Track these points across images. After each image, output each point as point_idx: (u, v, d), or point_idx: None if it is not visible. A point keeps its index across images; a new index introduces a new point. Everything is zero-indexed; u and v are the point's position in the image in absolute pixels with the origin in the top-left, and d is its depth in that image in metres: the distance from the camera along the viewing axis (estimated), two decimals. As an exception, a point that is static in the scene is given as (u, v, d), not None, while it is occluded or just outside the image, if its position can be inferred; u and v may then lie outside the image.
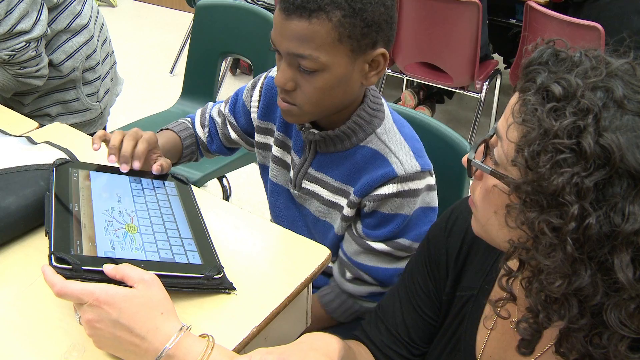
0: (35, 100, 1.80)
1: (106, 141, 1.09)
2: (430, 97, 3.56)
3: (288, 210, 1.28)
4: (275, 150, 1.25)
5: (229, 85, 4.01)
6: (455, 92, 3.41)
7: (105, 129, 2.07)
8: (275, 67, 1.21)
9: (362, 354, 0.97)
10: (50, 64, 1.72)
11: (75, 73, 1.79)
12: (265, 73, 1.27)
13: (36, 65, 1.65)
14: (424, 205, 1.14)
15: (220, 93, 3.59)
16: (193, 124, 1.37)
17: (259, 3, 3.77)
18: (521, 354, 0.73)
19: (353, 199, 1.13)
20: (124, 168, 1.06)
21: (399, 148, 1.11)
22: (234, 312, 0.88)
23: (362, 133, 1.12)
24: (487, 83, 3.13)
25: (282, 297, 0.91)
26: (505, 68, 3.83)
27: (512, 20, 3.52)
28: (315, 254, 1.01)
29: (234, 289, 0.90)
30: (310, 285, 1.02)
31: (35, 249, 0.98)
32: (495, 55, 3.54)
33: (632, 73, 0.63)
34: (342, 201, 1.16)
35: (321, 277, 1.28)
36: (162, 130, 1.34)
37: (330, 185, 1.17)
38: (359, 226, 1.16)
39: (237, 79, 4.19)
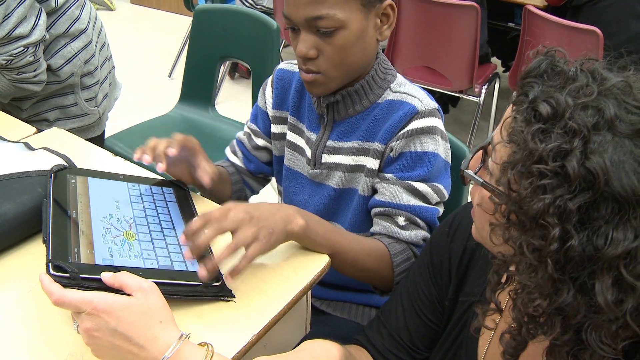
0: (34, 105, 1.79)
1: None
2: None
3: (299, 194, 1.28)
4: (290, 136, 1.28)
5: (228, 89, 4.01)
6: (459, 98, 3.40)
7: (103, 134, 2.06)
8: (283, 62, 1.32)
9: (362, 359, 0.97)
10: (49, 68, 1.72)
11: (73, 78, 1.78)
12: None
13: (34, 71, 1.64)
14: (445, 157, 1.15)
15: (218, 97, 3.59)
16: (226, 159, 1.39)
17: (258, 7, 3.77)
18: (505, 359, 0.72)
19: (377, 147, 1.14)
20: (160, 168, 1.03)
21: (414, 91, 1.16)
22: (233, 319, 0.87)
23: (378, 89, 1.16)
24: (485, 87, 3.13)
25: (282, 305, 0.91)
26: (504, 71, 3.83)
27: (511, 24, 3.52)
28: (315, 261, 1.01)
29: (233, 296, 0.90)
30: (310, 292, 1.01)
31: (32, 255, 0.97)
32: (494, 59, 3.54)
33: (627, 91, 0.61)
34: (365, 159, 1.17)
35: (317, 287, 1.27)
36: None
37: (351, 149, 1.18)
38: (389, 174, 1.14)
39: (235, 82, 4.19)
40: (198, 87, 2.36)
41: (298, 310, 1.02)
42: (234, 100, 3.87)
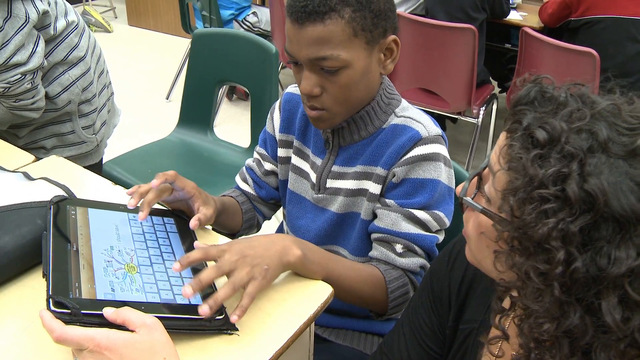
0: (31, 132, 1.78)
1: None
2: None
3: (302, 219, 1.28)
4: (294, 160, 1.28)
5: (225, 112, 4.01)
6: (457, 119, 3.41)
7: (101, 161, 2.05)
8: (291, 86, 1.31)
9: None
10: (46, 96, 1.71)
11: (71, 105, 1.78)
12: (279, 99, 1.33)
13: (32, 98, 1.63)
14: (448, 183, 1.15)
15: (216, 119, 3.59)
16: (237, 187, 1.39)
17: (255, 30, 3.79)
18: None
19: (380, 172, 1.14)
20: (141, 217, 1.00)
21: (419, 116, 1.16)
22: (237, 353, 0.85)
23: (383, 114, 1.16)
24: (483, 108, 3.14)
25: (286, 338, 0.89)
26: (500, 92, 3.85)
27: (508, 45, 3.55)
28: (318, 292, 0.99)
29: (236, 329, 0.88)
30: (313, 324, 1.00)
31: (32, 288, 0.95)
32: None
33: (617, 113, 0.62)
34: (367, 184, 1.17)
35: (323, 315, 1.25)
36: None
37: (354, 173, 1.18)
38: (390, 200, 1.14)
39: (233, 104, 4.20)
40: (197, 111, 2.37)
41: (302, 341, 1.01)
42: (231, 123, 3.87)
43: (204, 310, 0.85)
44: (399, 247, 1.13)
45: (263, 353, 0.86)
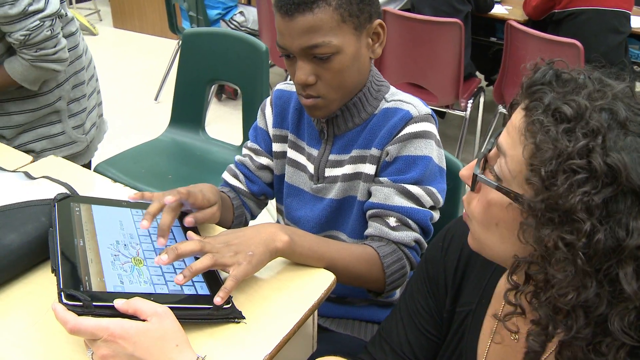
0: (20, 135, 1.79)
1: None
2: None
3: (301, 210, 1.30)
4: (290, 153, 1.30)
5: (214, 111, 4.02)
6: (446, 112, 3.45)
7: (90, 163, 2.06)
8: (280, 83, 1.35)
9: None
10: (39, 92, 1.72)
11: (60, 102, 1.79)
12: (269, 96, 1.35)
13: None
14: (439, 163, 1.18)
15: (206, 119, 3.59)
16: (225, 183, 1.38)
17: (243, 29, 3.80)
18: None
19: (374, 152, 1.17)
20: (160, 242, 0.99)
21: (408, 99, 1.20)
22: (245, 340, 0.87)
23: (374, 101, 1.20)
24: (471, 101, 3.17)
25: (292, 324, 0.91)
26: (487, 85, 3.89)
27: (493, 39, 3.59)
28: (321, 279, 1.02)
29: (243, 317, 0.90)
30: (316, 312, 1.02)
31: (38, 285, 0.97)
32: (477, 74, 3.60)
33: (630, 96, 0.66)
34: (362, 166, 1.20)
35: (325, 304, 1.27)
36: None
37: (350, 159, 1.21)
38: (384, 178, 1.17)
39: (222, 104, 4.21)
40: (188, 111, 2.38)
41: (305, 329, 1.03)
42: (221, 122, 3.89)
43: (217, 300, 0.88)
44: (392, 221, 1.14)
45: (270, 339, 0.88)
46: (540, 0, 3.10)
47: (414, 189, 1.15)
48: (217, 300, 0.88)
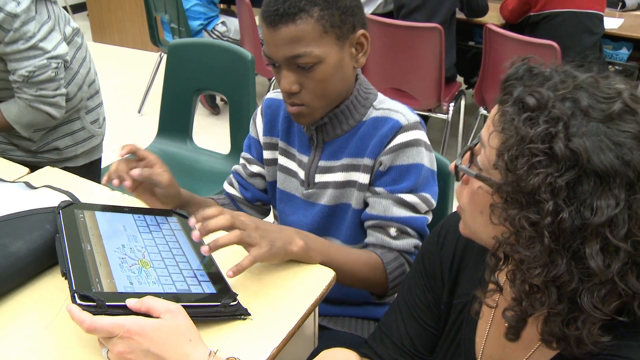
0: (45, 134, 1.85)
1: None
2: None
3: (294, 215, 1.33)
4: (281, 160, 1.33)
5: (197, 122, 4.01)
6: (429, 116, 3.51)
7: (100, 159, 2.14)
8: (270, 92, 1.39)
9: None
10: (67, 97, 1.79)
11: (82, 102, 1.89)
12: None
13: (54, 90, 1.70)
14: (430, 166, 1.22)
15: (193, 129, 3.61)
16: (225, 193, 1.45)
17: (225, 39, 3.84)
18: (508, 339, 0.79)
19: (367, 162, 1.21)
20: (115, 183, 1.12)
21: (397, 107, 1.23)
22: (252, 336, 0.91)
23: (362, 108, 1.23)
24: (452, 104, 3.23)
25: (296, 319, 0.94)
26: (467, 88, 3.96)
27: (471, 43, 3.66)
28: (321, 276, 1.05)
29: (249, 314, 0.93)
30: (317, 309, 1.05)
31: (46, 291, 0.99)
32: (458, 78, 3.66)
33: (595, 85, 0.70)
34: (355, 175, 1.23)
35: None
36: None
37: (341, 166, 1.24)
38: (379, 188, 1.21)
39: (206, 115, 4.22)
40: (175, 121, 2.40)
41: (306, 327, 1.06)
42: (205, 133, 3.90)
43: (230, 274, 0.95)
44: (393, 231, 1.20)
45: (276, 334, 0.91)
46: (516, 4, 3.18)
47: (410, 197, 1.19)
48: (230, 274, 0.94)
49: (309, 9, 1.07)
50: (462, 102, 3.38)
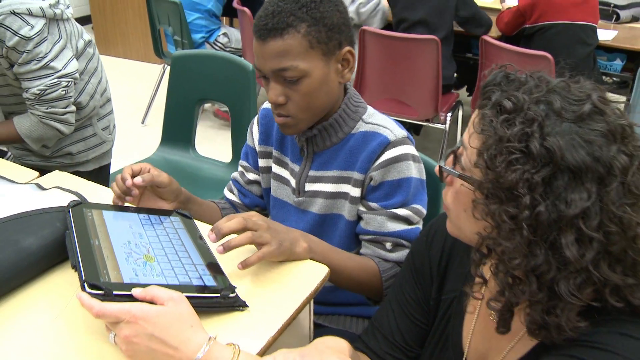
0: (59, 140, 1.93)
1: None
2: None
3: (286, 222, 1.39)
4: (275, 168, 1.40)
5: (200, 132, 4.08)
6: (422, 126, 3.57)
7: (110, 164, 2.23)
8: (266, 102, 1.40)
9: (364, 359, 1.07)
10: (78, 106, 1.87)
11: (95, 110, 1.97)
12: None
13: (64, 108, 1.79)
14: (419, 176, 1.28)
15: (196, 138, 3.69)
16: (225, 198, 1.52)
17: (228, 50, 3.92)
18: (500, 332, 0.84)
19: (357, 176, 1.26)
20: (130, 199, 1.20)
21: (385, 122, 1.28)
22: (250, 325, 0.97)
23: (351, 121, 1.28)
24: (450, 114, 3.30)
25: (291, 311, 1.00)
26: (468, 96, 4.03)
27: (469, 55, 3.73)
28: (316, 272, 1.11)
29: (247, 306, 0.99)
30: (312, 303, 1.11)
31: (56, 284, 1.05)
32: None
33: (567, 89, 0.76)
34: (346, 187, 1.29)
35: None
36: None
37: (331, 177, 1.30)
38: (372, 204, 1.27)
39: (208, 126, 4.29)
40: (178, 130, 2.45)
41: (302, 319, 1.12)
42: (207, 143, 3.96)
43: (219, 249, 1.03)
44: (388, 245, 1.27)
45: (273, 324, 0.97)
46: (511, 17, 3.26)
47: (403, 211, 1.26)
48: (239, 266, 1.03)
49: (296, 24, 1.13)
50: (460, 112, 3.45)
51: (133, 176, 1.19)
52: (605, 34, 3.41)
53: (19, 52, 1.67)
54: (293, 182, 1.36)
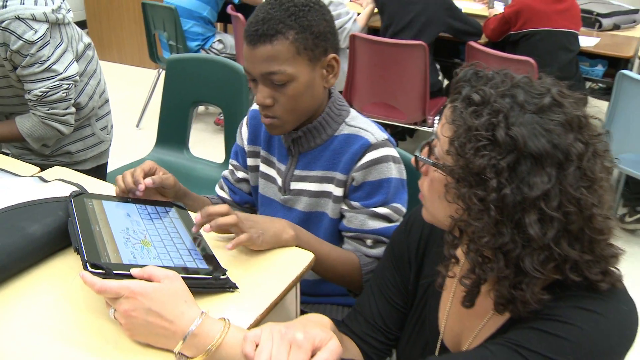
0: (58, 140, 2.01)
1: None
2: (393, 136, 3.82)
3: None
4: (262, 167, 1.47)
5: (194, 136, 4.15)
6: (415, 130, 3.66)
7: (107, 163, 2.30)
8: (253, 105, 1.50)
9: (347, 341, 1.15)
10: (77, 106, 1.95)
11: (94, 110, 2.05)
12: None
13: (64, 109, 1.87)
14: (399, 176, 1.35)
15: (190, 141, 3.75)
16: (217, 195, 1.60)
17: (222, 55, 3.99)
18: (465, 306, 0.91)
19: (340, 177, 1.34)
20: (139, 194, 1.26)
21: (366, 125, 1.36)
22: (240, 305, 1.04)
23: (335, 124, 1.35)
24: (438, 118, 3.38)
25: (277, 293, 1.08)
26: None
27: (457, 60, 3.83)
28: (301, 257, 1.19)
29: (237, 287, 1.07)
30: (299, 285, 1.19)
31: (59, 269, 1.12)
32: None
33: (530, 84, 0.84)
34: (329, 187, 1.37)
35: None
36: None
37: (315, 177, 1.38)
38: (354, 203, 1.34)
39: (202, 129, 4.35)
40: (173, 131, 2.52)
41: (288, 303, 1.19)
42: (201, 146, 4.04)
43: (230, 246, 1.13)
44: (369, 242, 1.36)
45: (261, 303, 1.05)
46: (497, 24, 3.36)
47: (383, 210, 1.34)
48: (228, 246, 1.12)
49: (285, 31, 1.20)
50: (448, 116, 3.52)
51: (144, 177, 1.26)
52: (588, 41, 3.51)
53: (22, 56, 1.75)
54: (279, 180, 1.43)
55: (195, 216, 1.15)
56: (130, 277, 0.95)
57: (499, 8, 3.80)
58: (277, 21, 1.20)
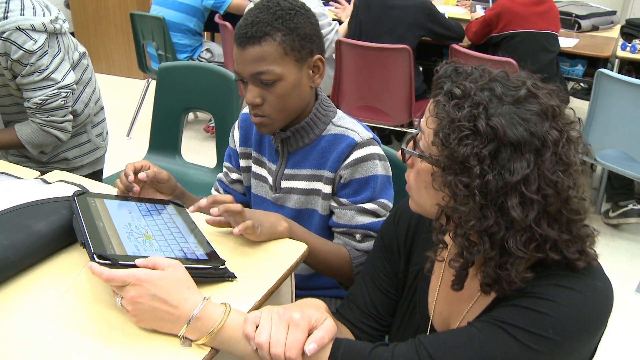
0: (55, 147, 2.07)
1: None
2: (381, 139, 3.88)
3: None
4: (254, 168, 1.54)
5: (184, 144, 4.20)
6: (405, 132, 3.72)
7: (102, 170, 2.36)
8: (243, 109, 1.55)
9: (341, 328, 1.21)
10: (74, 114, 2.00)
11: (89, 117, 2.11)
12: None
13: (62, 117, 1.92)
14: (385, 173, 1.41)
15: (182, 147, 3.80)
16: None
17: (212, 62, 4.05)
18: (454, 289, 0.97)
19: (328, 175, 1.40)
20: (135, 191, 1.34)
21: (352, 125, 1.42)
22: (238, 292, 1.10)
23: (322, 124, 1.41)
24: (423, 120, 3.45)
25: (273, 282, 1.14)
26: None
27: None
28: (295, 248, 1.25)
29: (235, 277, 1.13)
30: (293, 274, 1.25)
31: (64, 265, 1.17)
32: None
33: (506, 78, 0.91)
34: (318, 184, 1.43)
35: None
36: None
37: (304, 175, 1.44)
38: (342, 199, 1.40)
39: (192, 137, 4.40)
40: (165, 138, 2.56)
41: (284, 293, 1.25)
42: (192, 153, 4.09)
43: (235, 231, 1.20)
44: (358, 236, 1.42)
45: (259, 291, 1.11)
46: (479, 27, 3.44)
47: (370, 206, 1.40)
48: (235, 230, 1.18)
49: (273, 33, 1.26)
50: (433, 118, 3.59)
51: (135, 173, 1.32)
52: (568, 42, 3.61)
53: (22, 65, 1.80)
54: (270, 179, 1.49)
55: (200, 202, 1.22)
56: (135, 267, 1.00)
57: (480, 12, 3.89)
58: (265, 24, 1.26)
